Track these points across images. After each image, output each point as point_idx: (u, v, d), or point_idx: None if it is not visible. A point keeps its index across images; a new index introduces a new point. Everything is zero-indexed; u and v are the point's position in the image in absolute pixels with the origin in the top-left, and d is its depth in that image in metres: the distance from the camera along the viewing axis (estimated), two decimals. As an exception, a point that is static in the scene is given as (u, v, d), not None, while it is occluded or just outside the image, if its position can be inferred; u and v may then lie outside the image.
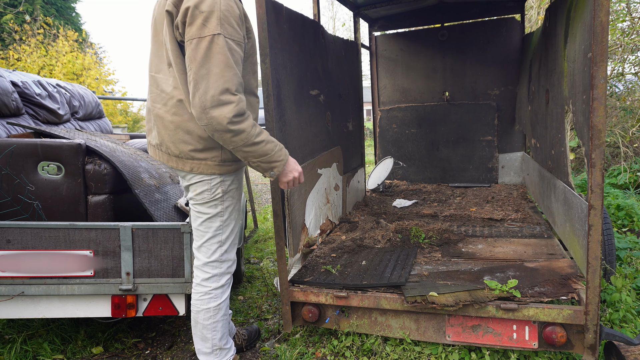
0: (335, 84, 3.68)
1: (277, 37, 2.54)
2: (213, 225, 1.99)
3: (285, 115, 2.63)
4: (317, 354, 2.45)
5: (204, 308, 2.04)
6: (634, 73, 6.11)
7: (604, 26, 1.80)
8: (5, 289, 2.24)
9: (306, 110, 3.02)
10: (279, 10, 2.61)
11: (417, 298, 2.16)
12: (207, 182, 1.92)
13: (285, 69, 2.65)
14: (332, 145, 3.55)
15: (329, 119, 3.50)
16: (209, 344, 2.09)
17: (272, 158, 1.84)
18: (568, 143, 2.61)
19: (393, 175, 5.36)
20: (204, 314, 2.04)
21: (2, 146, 2.30)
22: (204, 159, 1.88)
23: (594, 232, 1.94)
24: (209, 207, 1.96)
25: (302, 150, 2.92)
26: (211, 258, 2.02)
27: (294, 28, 2.84)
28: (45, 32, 13.92)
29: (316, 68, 3.24)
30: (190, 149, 1.86)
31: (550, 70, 2.99)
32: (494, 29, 4.77)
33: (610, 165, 5.77)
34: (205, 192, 1.93)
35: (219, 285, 2.05)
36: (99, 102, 4.30)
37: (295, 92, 2.83)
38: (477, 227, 3.35)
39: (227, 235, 2.03)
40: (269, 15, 2.44)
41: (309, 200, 2.94)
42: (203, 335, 2.08)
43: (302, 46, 2.96)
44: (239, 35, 1.74)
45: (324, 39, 3.41)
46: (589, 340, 1.99)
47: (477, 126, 4.95)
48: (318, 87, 3.26)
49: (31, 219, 2.36)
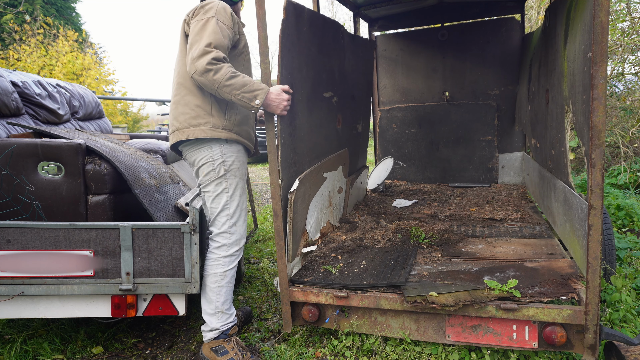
0: (350, 85, 3.61)
1: (295, 41, 2.51)
2: (221, 200, 2.32)
3: (296, 120, 2.58)
4: (317, 354, 2.45)
5: (212, 272, 2.33)
6: (634, 73, 6.11)
7: (604, 26, 1.80)
8: (5, 289, 2.24)
9: (318, 113, 2.97)
10: (300, 13, 2.57)
11: (417, 298, 2.16)
12: (211, 163, 2.28)
13: (301, 72, 2.62)
14: (340, 147, 3.49)
15: (340, 121, 3.43)
16: (213, 305, 2.34)
17: (252, 87, 2.12)
18: (568, 143, 2.61)
19: (393, 175, 5.35)
20: (212, 277, 2.33)
21: (2, 146, 2.30)
22: (197, 125, 2.23)
23: (594, 232, 1.94)
24: (215, 185, 2.31)
25: (310, 154, 2.87)
26: (221, 229, 2.34)
27: (314, 30, 2.80)
28: (45, 32, 13.92)
29: (332, 69, 3.18)
30: (187, 117, 2.25)
31: (550, 70, 2.99)
32: (494, 29, 4.76)
33: (610, 165, 5.77)
34: (211, 172, 2.29)
35: (227, 254, 2.35)
36: (99, 102, 4.30)
37: (309, 96, 2.78)
38: (477, 227, 3.35)
39: (233, 209, 2.35)
40: (289, 18, 2.42)
41: (312, 204, 2.90)
42: (209, 297, 2.34)
43: (320, 48, 2.92)
44: (229, 24, 2.20)
45: (343, 39, 3.34)
46: (589, 340, 1.99)
47: (477, 126, 4.95)
48: (332, 89, 3.20)
49: (31, 219, 2.35)
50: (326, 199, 3.18)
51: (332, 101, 3.21)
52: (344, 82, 3.44)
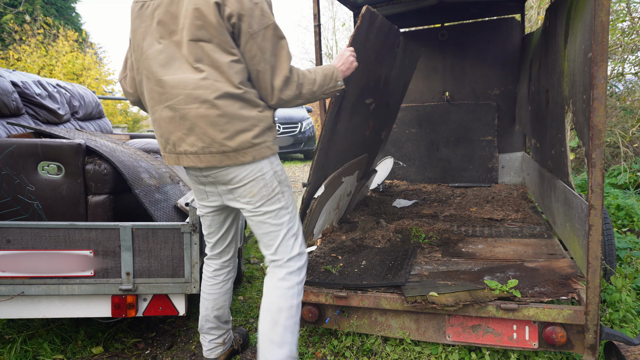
0: (388, 92, 3.54)
1: (360, 48, 2.43)
2: (283, 220, 1.89)
3: (337, 125, 2.52)
4: (317, 354, 2.45)
5: (288, 305, 1.84)
6: (634, 73, 6.11)
7: (604, 26, 1.80)
8: (5, 289, 2.24)
9: (356, 119, 2.91)
10: (373, 21, 2.49)
11: (417, 298, 2.16)
12: (261, 178, 1.82)
13: (355, 79, 2.55)
14: (361, 153, 3.43)
15: (370, 127, 3.35)
16: (287, 350, 1.82)
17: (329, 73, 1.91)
18: (568, 143, 2.61)
19: (393, 175, 5.35)
20: (287, 312, 1.84)
21: (2, 146, 2.30)
22: (262, 142, 1.80)
23: (594, 232, 1.93)
24: (271, 203, 1.86)
25: (337, 158, 2.81)
26: (292, 253, 1.91)
27: (379, 37, 2.74)
28: (45, 32, 13.91)
29: (380, 76, 3.11)
30: (251, 136, 1.77)
31: (550, 70, 2.99)
32: (494, 29, 4.76)
33: (610, 165, 5.77)
34: (262, 189, 1.83)
35: (300, 279, 1.93)
36: (99, 102, 4.30)
37: (354, 102, 2.73)
38: (477, 227, 3.34)
39: (297, 225, 1.96)
40: (363, 26, 2.36)
41: (325, 207, 2.87)
42: (282, 340, 1.82)
43: (377, 55, 2.85)
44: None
45: (398, 47, 3.28)
46: (589, 340, 1.99)
47: (477, 126, 4.95)
48: (373, 96, 3.13)
49: (31, 219, 2.35)
50: (336, 202, 3.16)
51: (370, 108, 3.14)
52: (385, 89, 3.37)
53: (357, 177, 3.52)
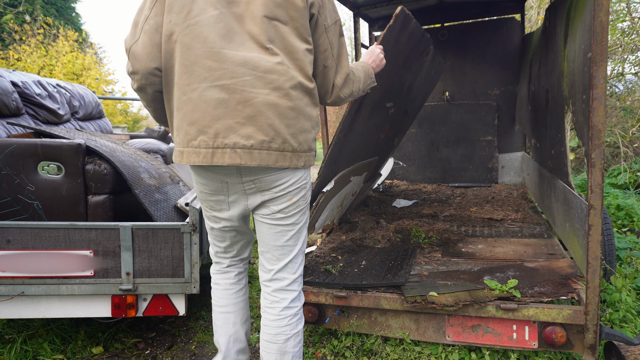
0: (409, 100, 3.52)
1: (389, 49, 2.41)
2: (301, 235, 1.76)
3: (355, 123, 2.52)
4: (317, 354, 2.45)
5: (294, 333, 1.75)
6: (634, 73, 6.11)
7: (604, 26, 1.80)
8: (5, 289, 2.24)
9: (374, 120, 2.91)
10: (406, 24, 2.47)
11: (417, 298, 2.16)
12: (303, 187, 1.67)
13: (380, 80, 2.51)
14: (373, 155, 3.43)
15: (385, 131, 3.34)
16: None
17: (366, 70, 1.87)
18: (568, 143, 2.61)
19: (393, 175, 5.35)
20: (294, 339, 1.75)
21: (2, 146, 2.30)
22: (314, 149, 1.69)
23: (594, 232, 1.94)
24: (300, 215, 1.72)
25: (349, 157, 2.81)
26: (296, 274, 1.78)
27: (410, 41, 2.71)
28: (45, 32, 13.91)
29: (404, 82, 3.09)
30: (311, 138, 1.64)
31: (550, 70, 2.99)
32: (494, 29, 4.76)
33: (610, 165, 5.77)
34: (301, 200, 1.68)
35: (302, 302, 1.82)
36: (99, 102, 4.30)
37: (375, 103, 2.71)
38: (477, 227, 3.34)
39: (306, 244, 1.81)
40: (395, 26, 2.34)
41: (329, 203, 2.87)
42: None
43: (406, 60, 2.82)
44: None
45: (427, 55, 3.25)
46: (589, 340, 1.99)
47: (477, 126, 4.95)
48: (394, 101, 3.11)
49: (31, 219, 2.35)
50: (341, 200, 3.16)
51: (389, 112, 3.12)
52: (407, 96, 3.35)
53: (364, 178, 3.53)
